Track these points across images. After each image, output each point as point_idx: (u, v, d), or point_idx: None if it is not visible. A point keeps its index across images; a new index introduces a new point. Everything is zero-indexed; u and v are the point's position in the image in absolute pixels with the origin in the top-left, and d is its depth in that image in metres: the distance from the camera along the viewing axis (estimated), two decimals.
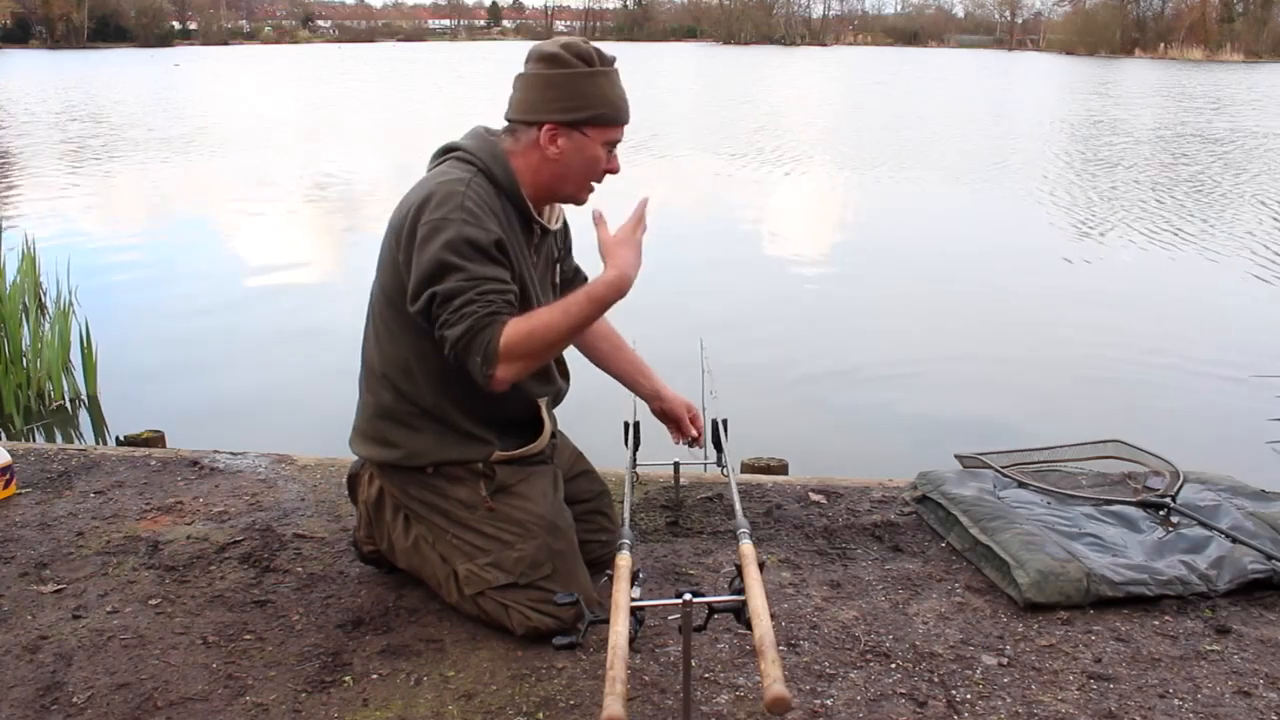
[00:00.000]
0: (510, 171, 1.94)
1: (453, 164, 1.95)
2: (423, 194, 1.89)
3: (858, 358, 5.49)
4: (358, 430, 2.07)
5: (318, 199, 10.52)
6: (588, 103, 1.91)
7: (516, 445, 2.02)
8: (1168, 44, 61.36)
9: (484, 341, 1.77)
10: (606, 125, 1.94)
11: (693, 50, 63.51)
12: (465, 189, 1.87)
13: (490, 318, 1.78)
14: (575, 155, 1.94)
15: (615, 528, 2.25)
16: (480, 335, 1.78)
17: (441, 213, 1.83)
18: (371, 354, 2.01)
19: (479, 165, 1.93)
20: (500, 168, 1.93)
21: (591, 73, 1.91)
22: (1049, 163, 13.33)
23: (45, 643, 1.96)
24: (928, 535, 2.45)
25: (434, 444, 1.97)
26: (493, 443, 1.99)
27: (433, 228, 1.83)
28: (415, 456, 1.97)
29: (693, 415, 2.34)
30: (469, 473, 1.98)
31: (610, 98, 1.93)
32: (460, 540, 1.98)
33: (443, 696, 1.79)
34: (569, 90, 1.90)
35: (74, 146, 14.68)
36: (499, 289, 1.82)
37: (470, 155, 1.94)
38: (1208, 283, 7.17)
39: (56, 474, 2.79)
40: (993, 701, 1.79)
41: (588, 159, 1.94)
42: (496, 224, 1.88)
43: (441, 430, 1.97)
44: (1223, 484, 2.59)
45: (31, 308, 5.21)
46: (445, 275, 1.80)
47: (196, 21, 76.78)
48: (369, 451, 2.03)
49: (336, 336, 5.71)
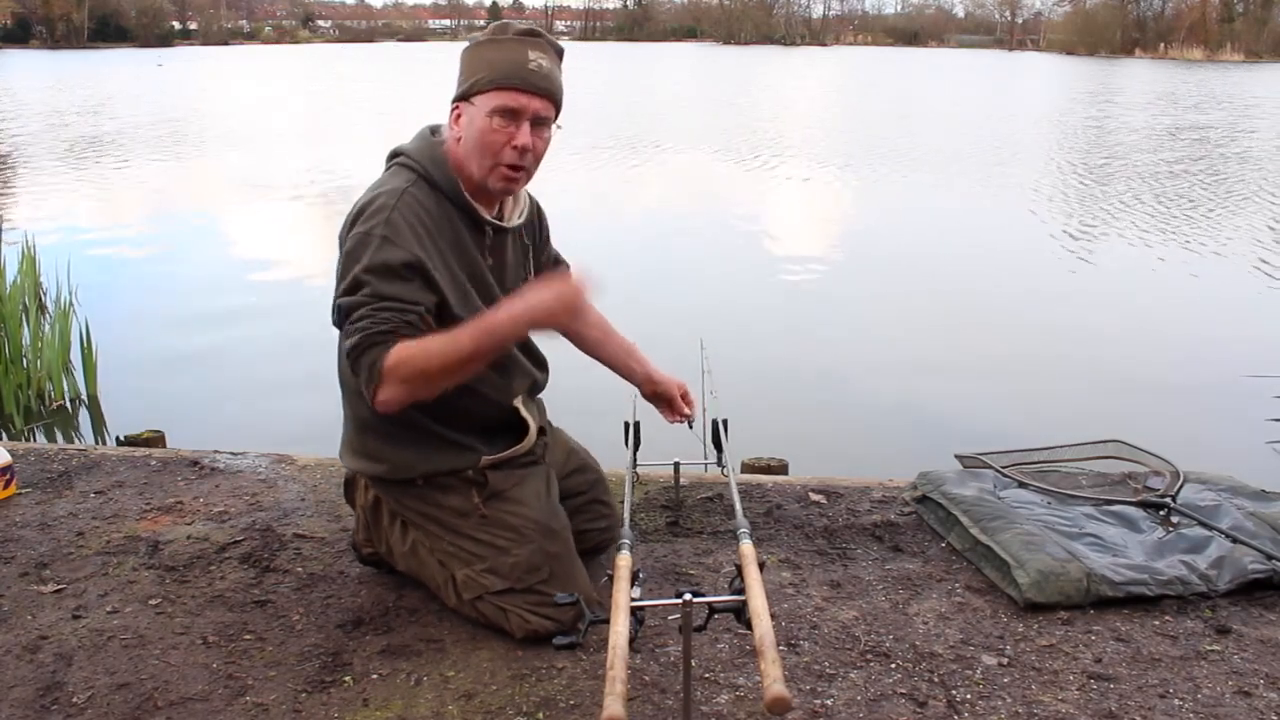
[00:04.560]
0: (449, 173, 1.88)
1: (395, 170, 1.90)
2: (358, 205, 1.86)
3: (858, 357, 5.49)
4: (345, 444, 2.05)
5: (318, 198, 10.52)
6: (474, 70, 1.83)
7: (504, 447, 1.99)
8: (1168, 44, 61.37)
9: (370, 360, 1.72)
10: (488, 90, 1.81)
11: (693, 50, 63.52)
12: (395, 201, 1.81)
13: (381, 336, 1.72)
14: (469, 129, 1.85)
15: (614, 514, 2.24)
16: (368, 353, 1.73)
17: (365, 227, 1.79)
18: (342, 367, 1.95)
19: (419, 171, 1.88)
20: (439, 170, 1.88)
21: (488, 42, 1.84)
22: (1049, 163, 13.33)
23: (45, 643, 1.96)
24: (928, 535, 2.45)
25: (418, 455, 1.94)
26: (478, 448, 1.96)
27: (356, 241, 1.79)
28: (402, 469, 1.96)
29: (684, 393, 2.31)
30: (460, 481, 1.96)
31: (496, 62, 1.81)
32: (457, 547, 1.98)
33: (443, 696, 1.79)
34: (465, 64, 1.86)
35: (74, 146, 14.68)
36: (398, 308, 1.75)
37: (410, 160, 1.89)
38: (1208, 282, 7.17)
39: (56, 474, 2.79)
40: (993, 701, 1.79)
41: (488, 130, 1.82)
42: (420, 241, 1.81)
43: (422, 441, 1.93)
44: (1223, 484, 2.59)
45: (31, 308, 5.21)
46: (352, 290, 1.77)
47: (196, 21, 76.79)
48: (358, 465, 2.02)
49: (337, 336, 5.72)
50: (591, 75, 32.87)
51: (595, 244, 7.66)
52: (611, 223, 9.12)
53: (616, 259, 7.70)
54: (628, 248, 8.38)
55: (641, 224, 9.50)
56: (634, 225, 9.41)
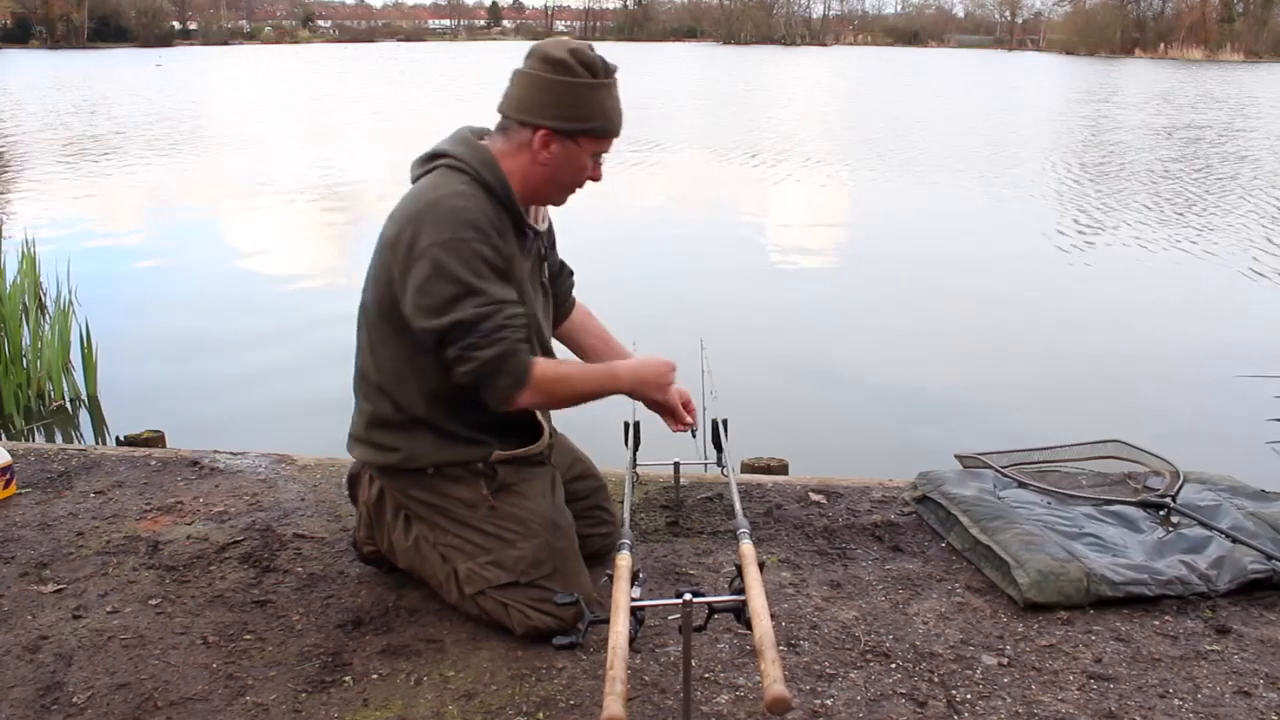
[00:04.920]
0: (502, 177, 1.91)
1: (444, 173, 1.90)
2: (419, 207, 1.86)
3: (858, 358, 5.49)
4: (355, 437, 2.06)
5: (318, 198, 10.52)
6: (587, 114, 1.90)
7: (516, 445, 2.02)
8: (1168, 44, 61.33)
9: (519, 365, 1.84)
10: (600, 138, 1.94)
11: (693, 50, 63.51)
12: (468, 203, 1.85)
13: (521, 345, 1.85)
14: (565, 163, 1.93)
15: (615, 520, 2.26)
16: (514, 360, 1.84)
17: (451, 231, 1.82)
18: (366, 363, 2.00)
19: (471, 173, 1.89)
20: (493, 174, 1.90)
21: (594, 84, 1.89)
22: (1049, 163, 13.33)
23: (45, 643, 1.96)
24: (928, 535, 2.45)
25: (432, 447, 1.97)
26: (491, 444, 1.99)
27: (450, 247, 1.81)
28: (415, 459, 1.97)
29: (686, 401, 2.33)
30: (469, 472, 1.98)
31: (608, 110, 1.92)
32: (461, 539, 1.98)
33: (443, 696, 1.79)
34: (570, 99, 1.88)
35: (74, 147, 14.68)
36: (520, 313, 1.87)
37: (461, 163, 1.90)
38: (1207, 282, 7.17)
39: (56, 474, 2.79)
40: (993, 701, 1.79)
41: (576, 168, 1.94)
42: (504, 243, 1.88)
43: (438, 435, 1.97)
44: (1223, 484, 2.59)
45: (31, 308, 5.21)
46: (465, 298, 1.81)
47: (196, 22, 76.79)
48: (368, 455, 2.03)
49: (337, 336, 5.72)
50: None
51: (596, 243, 7.66)
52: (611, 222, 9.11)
53: (616, 258, 7.70)
54: (628, 247, 8.38)
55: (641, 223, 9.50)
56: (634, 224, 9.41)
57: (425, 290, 1.82)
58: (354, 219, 9.45)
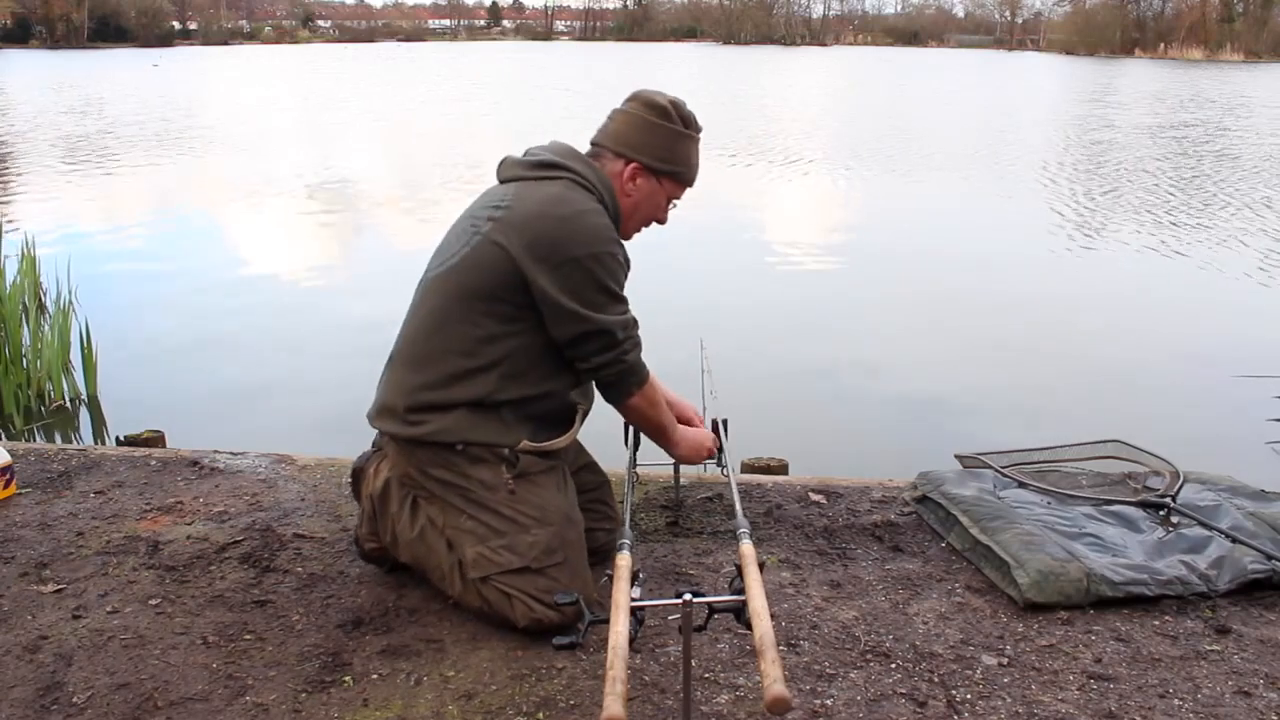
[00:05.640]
0: (618, 204, 2.10)
1: (572, 187, 2.02)
2: (564, 212, 1.96)
3: (858, 358, 5.49)
4: (386, 408, 2.05)
5: (318, 198, 10.52)
6: (677, 160, 2.13)
7: (546, 439, 2.05)
8: (1168, 44, 61.39)
9: (645, 371, 2.09)
10: (681, 184, 2.17)
11: (692, 50, 63.52)
12: (607, 222, 2.03)
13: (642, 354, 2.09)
14: (647, 198, 2.14)
15: (616, 516, 2.29)
16: (644, 367, 2.09)
17: (602, 246, 1.99)
18: (431, 336, 2.00)
19: (597, 195, 2.05)
20: (611, 200, 2.08)
21: (686, 135, 2.14)
22: (1049, 163, 13.33)
23: (45, 643, 1.96)
24: (928, 535, 2.45)
25: (468, 425, 1.99)
26: (524, 433, 2.02)
27: (597, 259, 1.97)
28: (446, 433, 1.98)
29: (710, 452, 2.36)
30: (494, 456, 2.00)
31: (694, 162, 2.18)
32: (476, 520, 1.99)
33: (443, 696, 1.79)
34: (667, 143, 2.11)
35: (74, 146, 14.68)
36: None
37: (589, 183, 2.05)
38: (1207, 282, 7.17)
39: (56, 474, 2.79)
40: (993, 701, 1.79)
41: (655, 205, 2.16)
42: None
43: (477, 414, 1.99)
44: (1223, 484, 2.60)
45: (31, 308, 5.22)
46: (616, 305, 2.02)
47: (196, 22, 76.82)
48: (396, 428, 2.02)
49: (337, 336, 5.72)
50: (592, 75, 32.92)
51: None
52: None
53: None
54: (627, 246, 8.38)
55: None
56: None
57: (577, 293, 1.96)
58: (354, 219, 9.45)
